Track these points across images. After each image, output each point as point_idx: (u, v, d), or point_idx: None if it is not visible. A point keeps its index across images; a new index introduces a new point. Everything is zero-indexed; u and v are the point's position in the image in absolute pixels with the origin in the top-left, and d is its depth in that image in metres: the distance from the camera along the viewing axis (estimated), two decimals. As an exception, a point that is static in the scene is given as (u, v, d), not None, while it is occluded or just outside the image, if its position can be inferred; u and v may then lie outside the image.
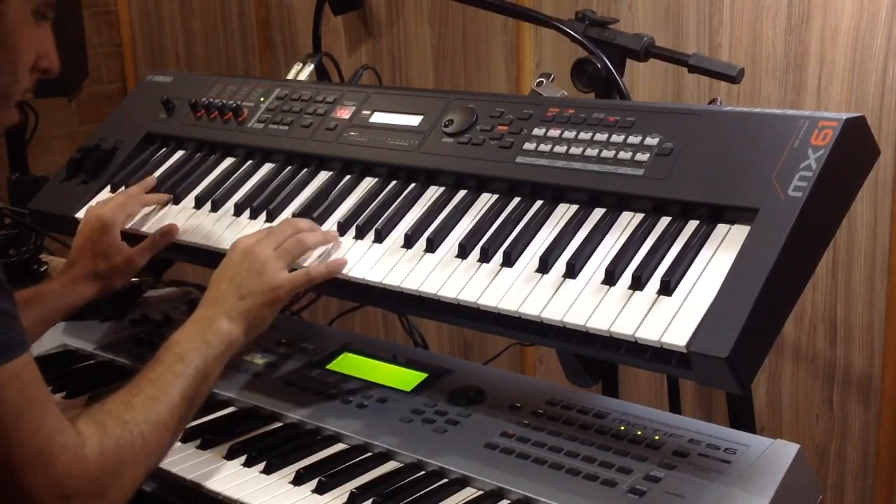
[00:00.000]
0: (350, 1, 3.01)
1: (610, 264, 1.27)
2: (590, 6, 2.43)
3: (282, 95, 1.80)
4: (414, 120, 1.60)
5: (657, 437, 1.31)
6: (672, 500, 1.19)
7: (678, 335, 1.16)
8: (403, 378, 1.53)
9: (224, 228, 1.61)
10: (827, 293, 2.34)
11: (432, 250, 1.41)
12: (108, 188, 1.82)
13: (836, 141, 1.23)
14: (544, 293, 1.28)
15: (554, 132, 1.45)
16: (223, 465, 1.36)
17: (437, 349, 2.84)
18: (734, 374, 1.13)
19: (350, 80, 1.99)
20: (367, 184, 1.59)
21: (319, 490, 1.28)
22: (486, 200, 1.47)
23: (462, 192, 1.50)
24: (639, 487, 1.21)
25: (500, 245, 1.37)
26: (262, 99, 1.82)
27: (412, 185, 1.55)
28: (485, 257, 1.36)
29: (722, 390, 1.52)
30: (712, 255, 1.23)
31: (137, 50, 3.83)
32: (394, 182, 1.57)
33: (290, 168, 1.69)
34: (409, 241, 1.44)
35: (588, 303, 1.24)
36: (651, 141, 1.36)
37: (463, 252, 1.39)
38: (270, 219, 1.59)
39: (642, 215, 1.34)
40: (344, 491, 1.27)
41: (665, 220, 1.31)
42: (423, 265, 1.40)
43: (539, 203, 1.42)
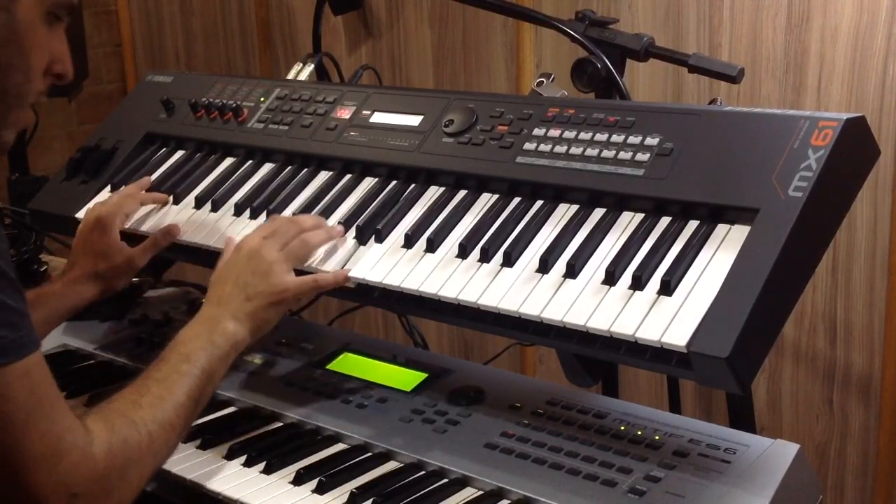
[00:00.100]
0: (350, 1, 3.01)
1: (610, 264, 1.27)
2: (590, 6, 2.43)
3: (282, 95, 1.80)
4: (414, 120, 1.60)
5: (657, 437, 1.31)
6: (672, 500, 1.19)
7: (678, 335, 1.16)
8: (403, 378, 1.53)
9: (224, 228, 1.61)
10: (827, 293, 2.34)
11: (432, 250, 1.41)
12: (108, 188, 1.82)
13: (837, 141, 1.23)
14: (544, 293, 1.28)
15: (554, 132, 1.45)
16: (223, 465, 1.36)
17: (437, 349, 2.84)
18: (734, 374, 1.13)
19: (350, 80, 1.99)
20: (368, 184, 1.59)
21: (319, 490, 1.28)
22: (487, 200, 1.47)
23: (462, 192, 1.50)
24: (639, 487, 1.21)
25: (500, 245, 1.37)
26: (262, 99, 1.82)
27: (412, 185, 1.55)
28: (485, 257, 1.36)
29: (722, 390, 1.52)
30: (712, 255, 1.23)
31: (137, 50, 3.83)
32: (394, 182, 1.57)
33: (290, 168, 1.69)
34: (409, 241, 1.44)
35: (588, 303, 1.24)
36: (651, 141, 1.36)
37: (463, 252, 1.39)
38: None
39: (642, 215, 1.34)
40: (344, 491, 1.27)
41: (665, 220, 1.31)
42: (424, 265, 1.40)
43: (539, 203, 1.42)
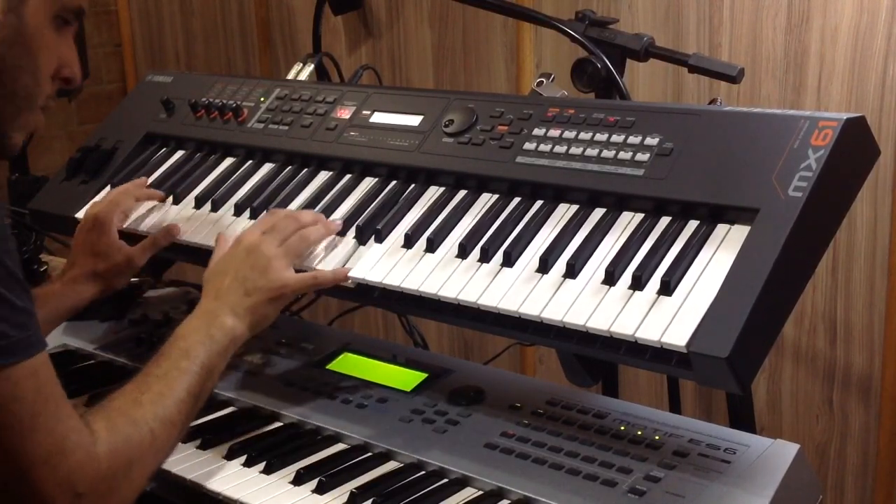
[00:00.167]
0: (350, 1, 3.01)
1: (610, 264, 1.27)
2: (590, 6, 2.43)
3: (282, 95, 1.80)
4: (414, 120, 1.60)
5: (657, 437, 1.31)
6: (672, 500, 1.19)
7: (678, 335, 1.16)
8: (403, 378, 1.53)
9: (224, 228, 1.61)
10: (827, 293, 2.34)
11: (432, 250, 1.41)
12: (108, 188, 1.82)
13: (837, 141, 1.23)
14: (544, 293, 1.28)
15: (554, 132, 1.45)
16: (223, 465, 1.36)
17: (437, 349, 2.84)
18: (734, 374, 1.13)
19: (350, 80, 1.99)
20: (368, 184, 1.59)
21: (319, 490, 1.28)
22: (487, 200, 1.47)
23: (462, 192, 1.50)
24: (639, 487, 1.21)
25: (500, 245, 1.37)
26: (262, 99, 1.81)
27: (412, 185, 1.55)
28: (485, 257, 1.36)
29: (722, 390, 1.52)
30: (712, 255, 1.23)
31: (137, 50, 3.83)
32: (394, 182, 1.57)
33: (290, 168, 1.69)
34: (409, 241, 1.44)
35: (588, 303, 1.24)
36: (651, 141, 1.36)
37: (463, 252, 1.39)
38: (271, 219, 1.59)
39: (642, 215, 1.34)
40: (344, 491, 1.27)
41: (665, 220, 1.31)
42: (424, 265, 1.39)
43: (539, 203, 1.42)
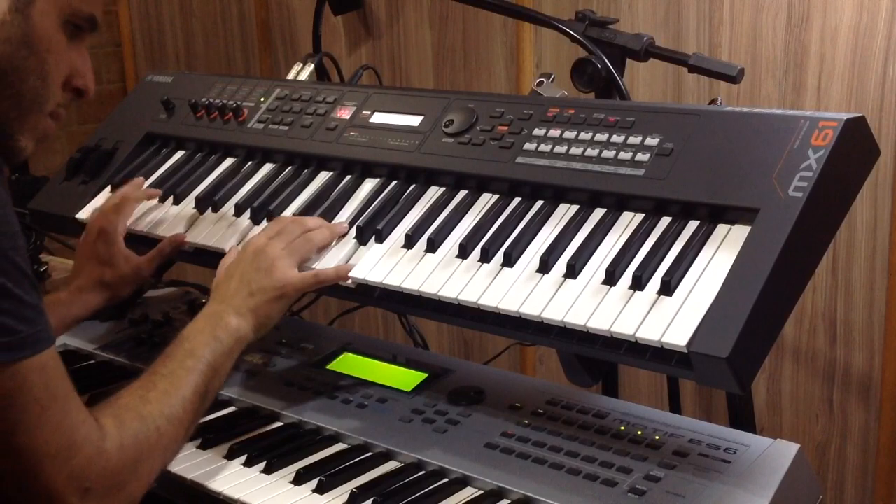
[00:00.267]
0: (350, 1, 3.01)
1: (610, 264, 1.27)
2: (590, 6, 2.43)
3: (282, 95, 1.80)
4: (414, 120, 1.60)
5: (657, 437, 1.31)
6: (672, 500, 1.19)
7: (678, 335, 1.16)
8: (403, 378, 1.53)
9: (224, 229, 1.61)
10: (827, 293, 2.34)
11: (433, 250, 1.41)
12: (108, 188, 1.82)
13: (837, 141, 1.23)
14: (545, 293, 1.28)
15: (554, 132, 1.45)
16: (224, 464, 1.36)
17: (437, 349, 2.84)
18: (734, 374, 1.13)
19: (350, 80, 1.99)
20: (368, 184, 1.59)
21: (320, 490, 1.28)
22: (487, 200, 1.47)
23: (462, 193, 1.50)
24: (639, 487, 1.21)
25: (500, 245, 1.37)
26: (263, 99, 1.81)
27: (413, 186, 1.55)
28: (485, 257, 1.36)
29: (722, 390, 1.52)
30: (713, 256, 1.23)
31: (137, 50, 3.83)
32: (394, 182, 1.57)
33: (290, 168, 1.69)
34: (409, 242, 1.44)
35: (588, 303, 1.24)
36: (651, 141, 1.36)
37: (463, 252, 1.39)
38: (271, 220, 1.58)
39: (643, 215, 1.34)
40: (344, 491, 1.27)
41: (665, 221, 1.31)
42: (424, 265, 1.40)
43: (539, 203, 1.42)
